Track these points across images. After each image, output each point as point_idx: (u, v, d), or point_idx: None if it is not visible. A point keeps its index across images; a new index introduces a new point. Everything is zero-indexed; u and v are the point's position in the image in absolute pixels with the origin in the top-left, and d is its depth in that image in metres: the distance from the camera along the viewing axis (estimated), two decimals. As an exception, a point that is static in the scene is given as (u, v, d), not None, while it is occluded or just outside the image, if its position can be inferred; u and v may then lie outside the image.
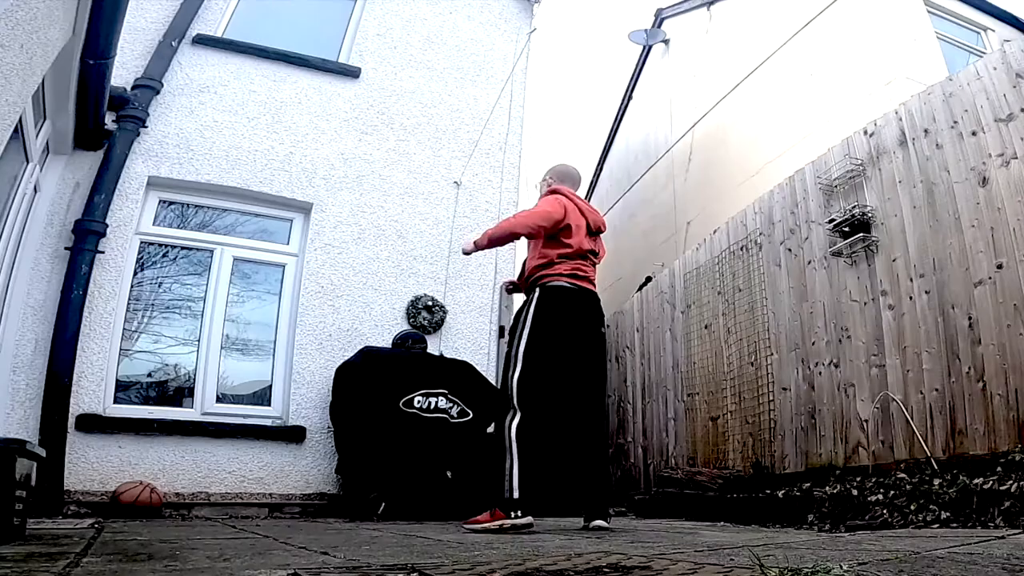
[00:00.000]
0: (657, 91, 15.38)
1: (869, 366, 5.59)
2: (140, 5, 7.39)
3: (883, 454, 5.33)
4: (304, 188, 7.78)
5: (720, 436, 7.20)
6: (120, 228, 6.79)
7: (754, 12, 12.16)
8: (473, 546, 3.22)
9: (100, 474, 6.19)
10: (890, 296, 5.49)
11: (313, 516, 6.57)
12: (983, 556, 2.31)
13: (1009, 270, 4.56)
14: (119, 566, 2.40)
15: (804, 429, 6.14)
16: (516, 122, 9.13)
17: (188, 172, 7.30)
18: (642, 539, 3.64)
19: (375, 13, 8.98)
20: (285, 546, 3.19)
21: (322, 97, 8.27)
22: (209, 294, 7.18)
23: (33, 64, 3.99)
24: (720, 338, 7.45)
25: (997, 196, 4.73)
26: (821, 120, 9.45)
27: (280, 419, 7.08)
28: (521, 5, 9.84)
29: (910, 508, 4.60)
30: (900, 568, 2.08)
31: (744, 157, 11.25)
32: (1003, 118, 4.79)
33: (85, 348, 6.38)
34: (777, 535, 4.04)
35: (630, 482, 8.61)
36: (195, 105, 7.58)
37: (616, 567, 2.21)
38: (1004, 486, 4.10)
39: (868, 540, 3.19)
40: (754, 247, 7.09)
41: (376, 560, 2.54)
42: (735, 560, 2.44)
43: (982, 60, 5.20)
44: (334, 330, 7.44)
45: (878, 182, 5.80)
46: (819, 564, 2.13)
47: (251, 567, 2.34)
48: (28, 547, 2.89)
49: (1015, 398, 4.40)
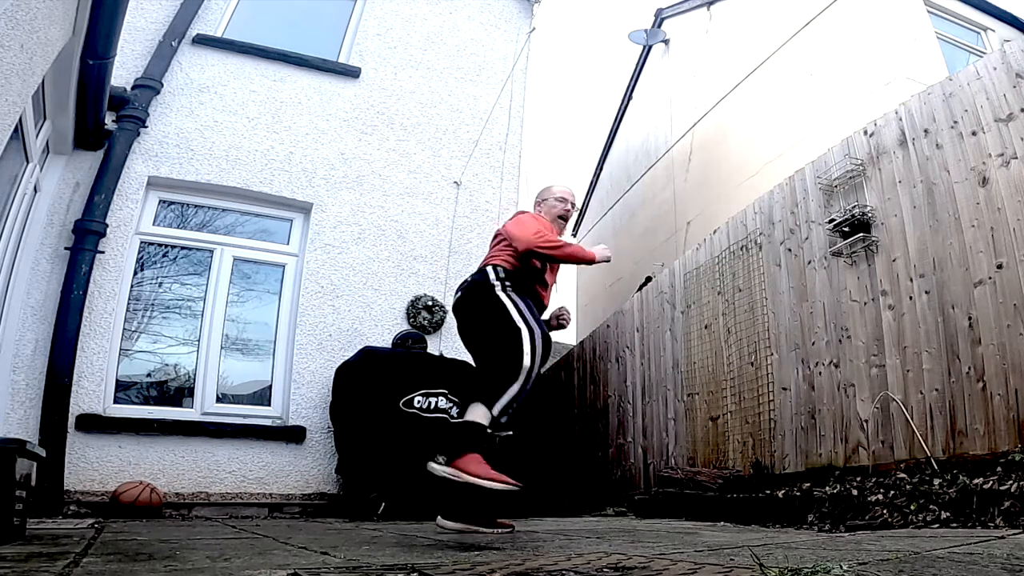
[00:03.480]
0: (657, 91, 15.39)
1: (869, 366, 5.59)
2: (140, 5, 7.40)
3: (883, 454, 5.33)
4: (304, 188, 7.78)
5: (720, 436, 7.19)
6: (120, 228, 6.80)
7: (754, 12, 12.16)
8: (473, 546, 3.23)
9: (100, 474, 6.20)
10: (890, 296, 5.49)
11: (313, 516, 6.57)
12: (983, 556, 2.31)
13: (1009, 270, 4.55)
14: (119, 566, 2.41)
15: (804, 429, 6.13)
16: (516, 122, 9.13)
17: (188, 172, 7.30)
18: (642, 539, 3.64)
19: (375, 13, 8.98)
20: (285, 546, 3.20)
21: (322, 97, 8.27)
22: (209, 294, 7.19)
23: (33, 64, 3.99)
24: (720, 338, 7.44)
25: (997, 196, 4.72)
26: (821, 120, 9.46)
27: (280, 419, 7.08)
28: (521, 5, 9.85)
29: (910, 508, 4.60)
30: (900, 568, 2.08)
31: (744, 157, 11.26)
32: (1003, 118, 4.79)
33: (85, 348, 6.38)
34: (777, 535, 4.04)
35: (630, 482, 8.60)
36: (195, 105, 7.58)
37: (616, 567, 2.21)
38: (1004, 486, 4.10)
39: (868, 540, 3.19)
40: (754, 247, 7.08)
41: (376, 560, 2.55)
42: (735, 560, 2.44)
43: (982, 60, 5.19)
44: (334, 330, 7.44)
45: (878, 182, 5.79)
46: (819, 564, 2.13)
47: (251, 567, 2.34)
48: (28, 547, 2.89)
49: (1015, 398, 4.40)
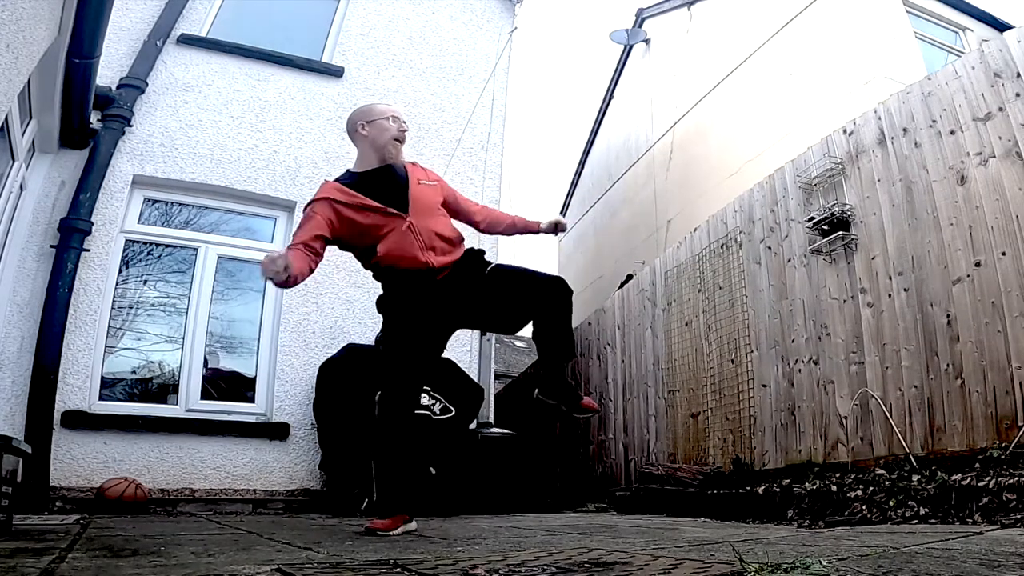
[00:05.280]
0: (638, 90, 15.43)
1: (848, 363, 5.64)
2: (125, 5, 7.37)
3: (862, 451, 5.39)
4: (288, 187, 7.78)
5: (701, 432, 7.24)
6: (105, 226, 6.79)
7: (734, 12, 12.23)
8: (455, 541, 3.25)
9: (86, 470, 6.20)
10: (869, 294, 5.54)
11: (297, 512, 6.58)
12: (961, 552, 2.34)
13: (987, 268, 4.61)
14: (104, 561, 2.42)
15: (784, 426, 6.19)
16: (498, 121, 9.14)
17: (173, 171, 7.30)
18: (623, 535, 3.66)
19: (358, 13, 8.98)
20: (269, 542, 3.21)
21: (306, 96, 8.27)
22: (193, 292, 7.18)
23: (19, 63, 4.00)
24: (701, 335, 7.49)
25: (975, 195, 4.78)
26: (801, 119, 9.53)
27: (264, 416, 7.08)
28: (503, 5, 9.86)
29: (889, 504, 4.65)
30: (879, 563, 2.11)
31: (724, 156, 11.32)
32: (981, 117, 4.85)
33: (70, 345, 6.38)
34: (757, 531, 4.07)
35: (611, 478, 8.64)
36: (180, 104, 7.58)
37: (597, 563, 2.24)
38: (982, 482, 4.16)
39: (847, 536, 3.22)
40: (734, 245, 7.13)
41: (360, 556, 2.57)
42: (715, 556, 2.47)
43: (960, 59, 5.25)
44: (318, 327, 7.46)
45: (857, 181, 5.85)
46: (799, 559, 2.16)
47: (235, 563, 2.36)
48: (14, 543, 2.89)
49: (993, 395, 4.46)
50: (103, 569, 2.23)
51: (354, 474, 6.38)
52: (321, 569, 2.16)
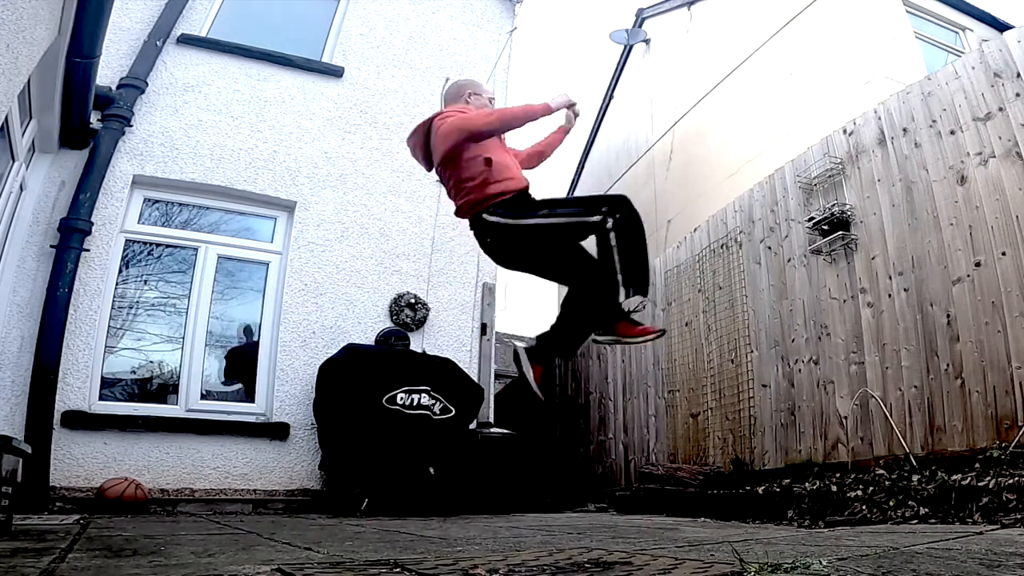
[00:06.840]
0: (638, 90, 15.40)
1: (848, 363, 5.64)
2: (125, 5, 7.36)
3: (862, 451, 5.39)
4: (288, 187, 7.78)
5: (700, 432, 7.24)
6: (105, 226, 6.78)
7: (734, 12, 12.20)
8: (455, 542, 3.25)
9: (86, 470, 6.19)
10: (869, 294, 5.54)
11: (297, 512, 6.58)
12: (961, 552, 2.34)
13: (987, 268, 4.61)
14: (104, 561, 2.42)
15: (784, 426, 6.19)
16: (498, 121, 9.11)
17: (173, 171, 7.29)
18: (623, 535, 3.67)
19: (358, 13, 8.97)
20: (269, 541, 3.21)
21: (305, 96, 8.26)
22: (193, 292, 7.17)
23: (19, 64, 3.99)
24: (701, 335, 7.49)
25: (975, 194, 4.78)
26: (801, 119, 9.51)
27: (264, 416, 7.08)
28: (503, 5, 9.85)
29: (889, 504, 4.65)
30: (879, 563, 2.11)
31: (724, 156, 11.30)
32: (981, 117, 4.85)
33: (70, 345, 6.37)
34: (757, 531, 4.07)
35: (611, 478, 8.64)
36: (180, 104, 7.57)
37: (597, 563, 2.24)
38: (982, 482, 4.16)
39: (847, 536, 3.23)
40: (734, 245, 7.13)
41: (359, 556, 2.57)
42: (715, 556, 2.47)
43: (960, 59, 5.26)
44: (317, 327, 7.45)
45: (857, 181, 5.85)
46: (799, 559, 2.16)
47: (235, 562, 2.36)
48: (14, 543, 2.90)
49: (993, 395, 4.46)
50: (103, 569, 2.23)
51: (354, 474, 6.38)
52: (321, 569, 2.16)
